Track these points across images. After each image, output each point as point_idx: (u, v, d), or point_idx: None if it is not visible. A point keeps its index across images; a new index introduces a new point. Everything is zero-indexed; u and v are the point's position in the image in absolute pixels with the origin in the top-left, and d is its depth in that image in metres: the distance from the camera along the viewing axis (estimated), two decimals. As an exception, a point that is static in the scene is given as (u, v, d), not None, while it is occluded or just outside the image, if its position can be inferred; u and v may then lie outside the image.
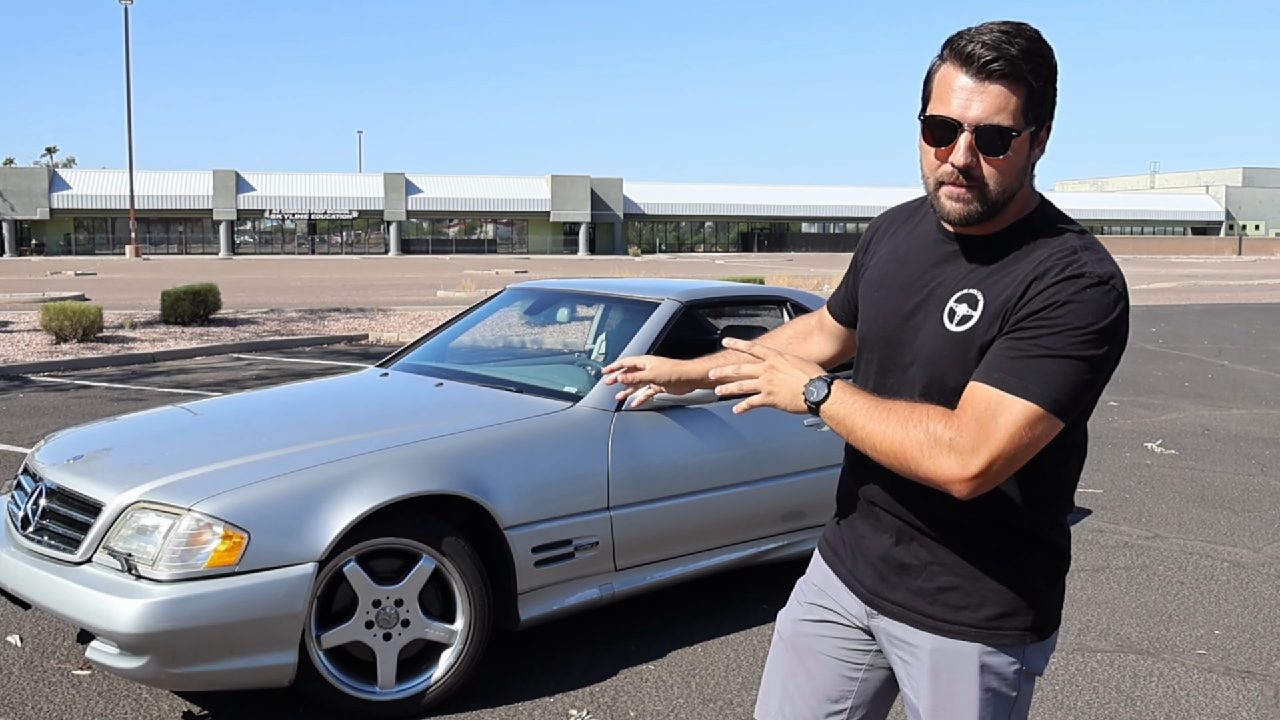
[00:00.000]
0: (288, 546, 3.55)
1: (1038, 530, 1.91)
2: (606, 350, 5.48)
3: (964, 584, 1.90)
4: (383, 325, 18.24)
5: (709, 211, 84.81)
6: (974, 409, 1.74)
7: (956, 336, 1.83)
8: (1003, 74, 1.72)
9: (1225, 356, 15.27)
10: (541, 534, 4.06)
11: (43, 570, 3.67)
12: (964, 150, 1.75)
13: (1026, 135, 1.77)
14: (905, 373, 1.91)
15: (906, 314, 1.92)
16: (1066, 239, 1.81)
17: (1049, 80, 1.77)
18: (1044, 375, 1.72)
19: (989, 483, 1.73)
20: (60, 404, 10.26)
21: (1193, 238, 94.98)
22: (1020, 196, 1.84)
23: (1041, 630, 1.93)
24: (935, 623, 1.93)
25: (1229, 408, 10.75)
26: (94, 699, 3.95)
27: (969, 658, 1.91)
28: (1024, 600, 1.90)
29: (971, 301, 1.83)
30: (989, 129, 1.74)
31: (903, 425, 1.76)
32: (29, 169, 72.46)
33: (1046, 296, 1.74)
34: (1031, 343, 1.73)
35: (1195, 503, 6.94)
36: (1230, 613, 4.97)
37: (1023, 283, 1.77)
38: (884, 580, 1.98)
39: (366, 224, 78.53)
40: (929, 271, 1.92)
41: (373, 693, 3.79)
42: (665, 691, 4.07)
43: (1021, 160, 1.79)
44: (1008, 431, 1.71)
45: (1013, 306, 1.77)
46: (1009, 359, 1.74)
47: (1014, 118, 1.74)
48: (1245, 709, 3.98)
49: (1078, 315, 1.72)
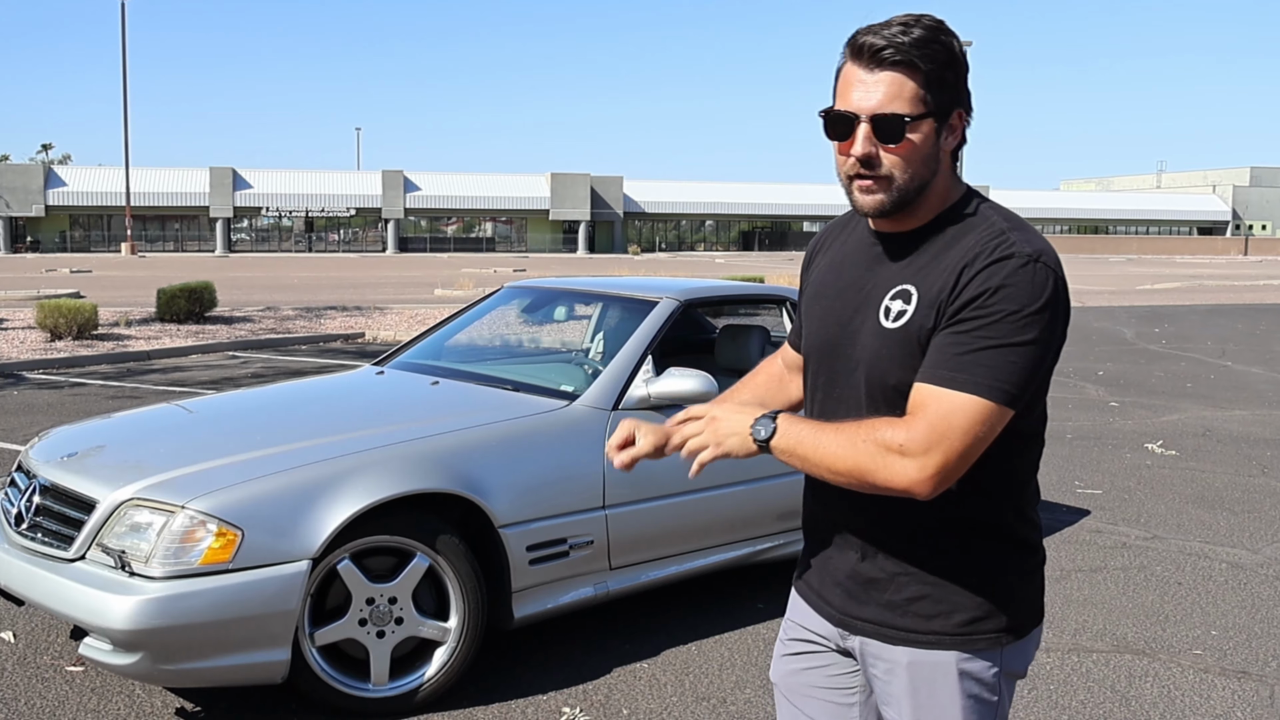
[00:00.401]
0: (281, 544, 3.54)
1: (1001, 524, 1.87)
2: (604, 349, 5.46)
3: (933, 591, 1.86)
4: (379, 324, 18.23)
5: (709, 210, 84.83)
6: (922, 410, 1.72)
7: (893, 333, 1.81)
8: (893, 61, 1.73)
9: (1228, 357, 15.26)
10: (536, 532, 4.05)
11: (36, 567, 3.66)
12: (862, 141, 1.76)
13: (929, 123, 1.76)
14: (850, 378, 1.89)
15: (846, 320, 1.90)
16: (993, 223, 1.79)
17: (947, 65, 1.75)
18: (988, 366, 1.70)
19: (946, 480, 1.72)
20: (55, 401, 10.24)
21: (1199, 238, 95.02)
22: (939, 187, 1.83)
23: (1018, 629, 1.89)
24: (908, 634, 1.88)
25: (1231, 409, 10.74)
26: (87, 695, 3.94)
27: (946, 667, 1.87)
28: (997, 600, 1.87)
29: (905, 296, 1.81)
30: (884, 117, 1.74)
31: (851, 442, 1.74)
32: (24, 165, 72.36)
33: (979, 283, 1.72)
34: (971, 335, 1.71)
35: (1195, 503, 6.94)
36: (1227, 613, 4.96)
37: (954, 271, 1.75)
38: (853, 598, 1.94)
39: (364, 222, 78.52)
40: (863, 276, 1.90)
41: (366, 690, 3.78)
42: (659, 689, 4.06)
43: (926, 148, 1.77)
44: (958, 428, 1.70)
45: (947, 297, 1.75)
46: (951, 354, 1.72)
47: (909, 104, 1.74)
48: (1240, 709, 3.97)
49: (1013, 299, 1.70)
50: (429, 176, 78.11)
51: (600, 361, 5.27)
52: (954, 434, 1.70)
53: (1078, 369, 13.65)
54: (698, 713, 3.88)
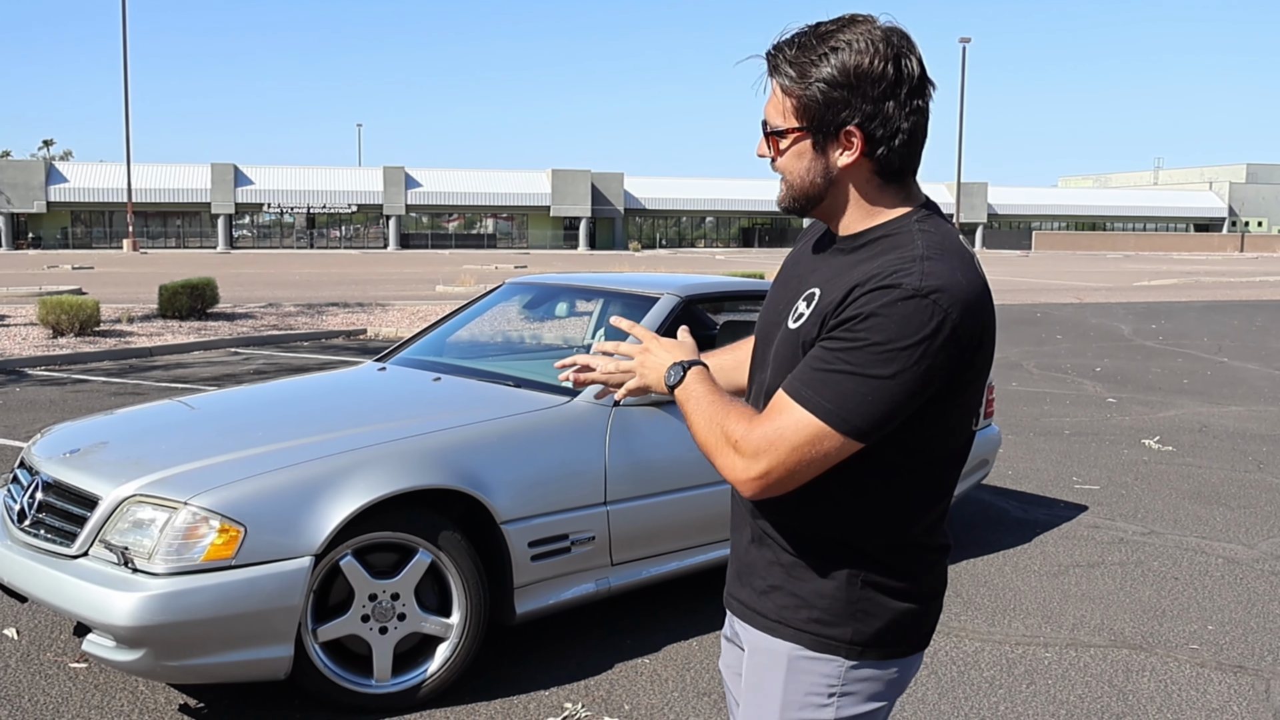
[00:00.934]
0: (284, 540, 3.56)
1: (870, 549, 1.81)
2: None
3: (790, 584, 1.85)
4: (381, 320, 18.24)
5: (710, 206, 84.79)
6: (769, 413, 1.71)
7: (790, 334, 1.80)
8: (775, 71, 1.77)
9: (1225, 353, 15.28)
10: (538, 528, 4.07)
11: (39, 564, 3.68)
12: (760, 144, 1.83)
13: (805, 138, 1.76)
14: (766, 368, 1.89)
15: (775, 315, 1.91)
16: (913, 247, 1.72)
17: (836, 85, 1.70)
18: (837, 391, 1.66)
19: (770, 488, 1.71)
20: (57, 398, 10.26)
21: (1195, 234, 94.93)
22: (853, 200, 1.80)
23: (873, 648, 1.82)
24: (760, 618, 1.89)
25: (1227, 404, 10.76)
26: (90, 692, 3.96)
27: (779, 655, 1.85)
28: (848, 611, 1.81)
29: (809, 300, 1.79)
30: (766, 127, 1.80)
31: (710, 421, 1.76)
32: (26, 161, 72.31)
33: (857, 306, 1.67)
34: (833, 354, 1.67)
35: (1191, 499, 6.96)
36: (1224, 608, 4.98)
37: (848, 287, 1.71)
38: (738, 578, 1.96)
39: (365, 218, 78.49)
40: (801, 274, 1.90)
41: (369, 686, 3.80)
42: (660, 685, 4.08)
43: (804, 161, 1.78)
44: (790, 443, 1.68)
45: (831, 310, 1.72)
46: (810, 368, 1.69)
47: (783, 117, 1.77)
48: (1236, 703, 3.99)
49: (880, 330, 1.64)
50: (430, 173, 78.07)
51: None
52: (783, 446, 1.68)
53: (1075, 365, 13.66)
54: (699, 708, 3.90)
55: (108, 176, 72.19)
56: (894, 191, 1.81)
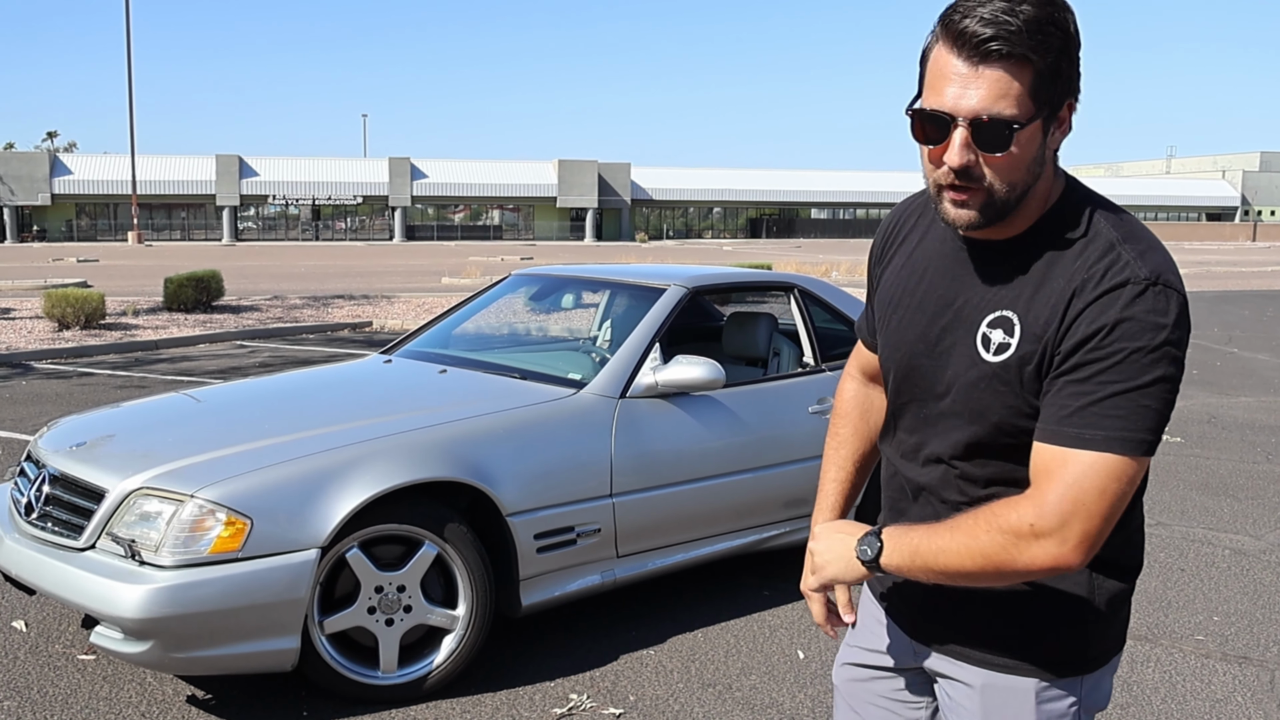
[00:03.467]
0: (290, 533, 3.57)
1: (1104, 552, 1.67)
2: (612, 336, 5.48)
3: (1014, 614, 1.70)
4: (387, 312, 18.25)
5: (717, 197, 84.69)
6: (1049, 478, 1.51)
7: (994, 368, 1.59)
8: (1001, 55, 1.45)
9: (1235, 344, 15.24)
10: (544, 520, 4.07)
11: (47, 556, 3.69)
12: (959, 149, 1.49)
13: (1037, 124, 1.49)
14: (939, 404, 1.69)
15: (933, 340, 1.69)
16: (1101, 232, 1.56)
17: (1062, 52, 1.47)
18: (1119, 417, 1.49)
19: (1095, 547, 1.52)
20: (63, 391, 10.28)
21: (1207, 223, 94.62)
22: (1039, 191, 1.58)
23: (1101, 658, 1.72)
24: (985, 657, 1.72)
25: (1237, 395, 10.74)
26: (98, 684, 3.98)
27: (1023, 695, 1.70)
28: (1082, 630, 1.69)
29: (1007, 327, 1.58)
30: (987, 122, 1.47)
31: (973, 538, 1.54)
32: (30, 154, 72.40)
33: (1093, 318, 1.49)
34: (1094, 381, 1.49)
35: (1199, 490, 6.95)
36: (1230, 599, 4.98)
37: (1062, 301, 1.52)
38: (927, 616, 1.79)
39: (371, 210, 78.50)
40: (950, 287, 1.67)
41: (375, 677, 3.81)
42: (665, 676, 4.09)
43: (1033, 151, 1.51)
44: (1096, 492, 1.49)
45: (1054, 333, 1.53)
46: (1075, 406, 1.50)
47: (1018, 105, 1.46)
48: (1240, 694, 3.99)
49: (1135, 334, 1.48)
50: (436, 164, 78.06)
51: (608, 349, 5.29)
52: (1091, 499, 1.49)
53: (1084, 355, 13.63)
54: (704, 699, 3.90)
55: (112, 169, 72.25)
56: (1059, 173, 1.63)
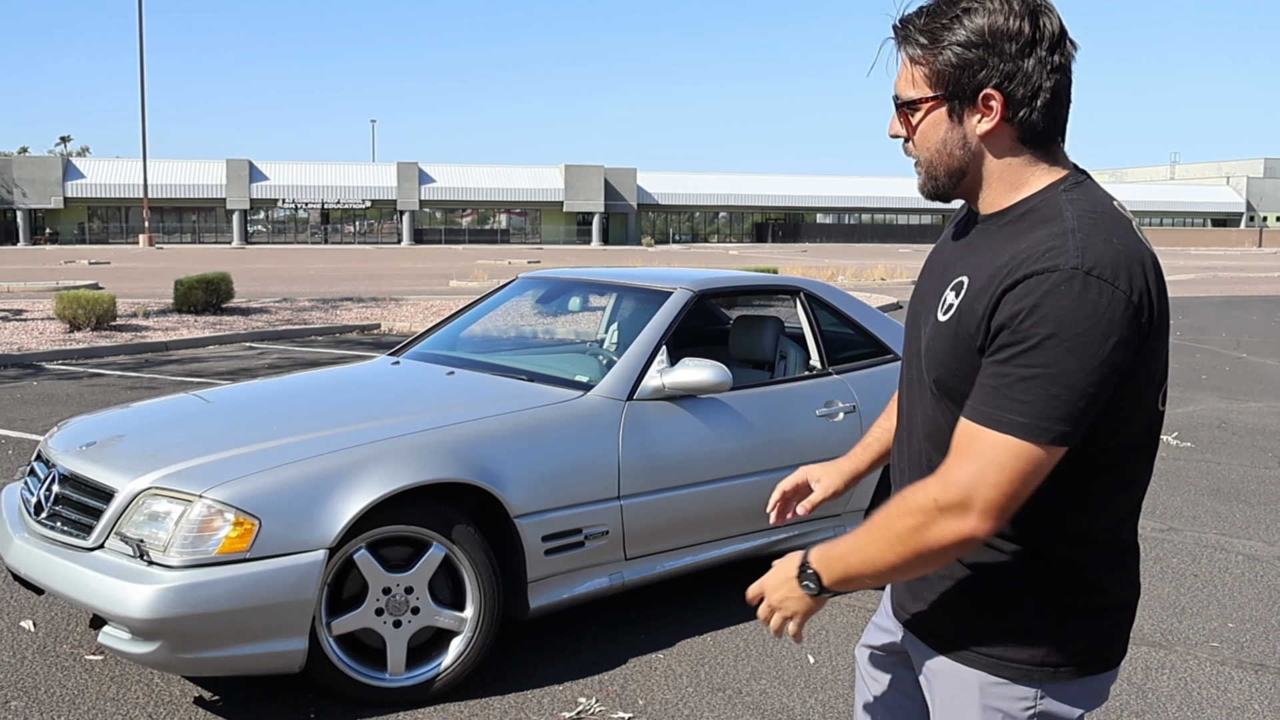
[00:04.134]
0: (298, 533, 3.56)
1: (1059, 555, 1.68)
2: (619, 339, 5.47)
3: (974, 604, 1.73)
4: (395, 315, 18.26)
5: (723, 202, 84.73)
6: (959, 454, 1.58)
7: (940, 326, 1.68)
8: (905, 40, 1.68)
9: (1244, 349, 15.18)
10: (551, 522, 4.06)
11: (56, 556, 3.68)
12: (891, 122, 1.74)
13: (939, 106, 1.66)
14: (914, 367, 1.81)
15: (919, 312, 1.80)
16: (1065, 217, 1.60)
17: (970, 45, 1.61)
18: (1025, 401, 1.52)
19: (1003, 516, 1.57)
20: (73, 392, 10.30)
21: (1213, 229, 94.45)
22: (997, 172, 1.68)
23: (1061, 670, 1.70)
24: (942, 642, 1.78)
25: (1246, 400, 10.69)
26: (106, 684, 3.97)
27: (969, 686, 1.74)
28: (1035, 631, 1.69)
29: (958, 289, 1.67)
30: (901, 101, 1.71)
31: (888, 528, 1.61)
32: (43, 158, 72.74)
33: (1014, 301, 1.54)
34: (1009, 363, 1.54)
35: (1210, 495, 6.91)
36: (1244, 605, 4.95)
37: (999, 275, 1.58)
38: (909, 592, 1.85)
39: (379, 213, 78.68)
40: (947, 264, 1.78)
41: (383, 679, 3.80)
42: (674, 680, 4.07)
43: (940, 133, 1.67)
44: (999, 468, 1.54)
45: (985, 311, 1.59)
46: (989, 385, 1.56)
47: (917, 86, 1.67)
48: (1257, 701, 3.96)
49: (1051, 320, 1.51)
50: (444, 168, 78.21)
51: (614, 352, 5.27)
52: (992, 473, 1.54)
53: (1094, 361, 13.59)
54: (713, 703, 3.89)
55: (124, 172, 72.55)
56: (1039, 159, 1.68)
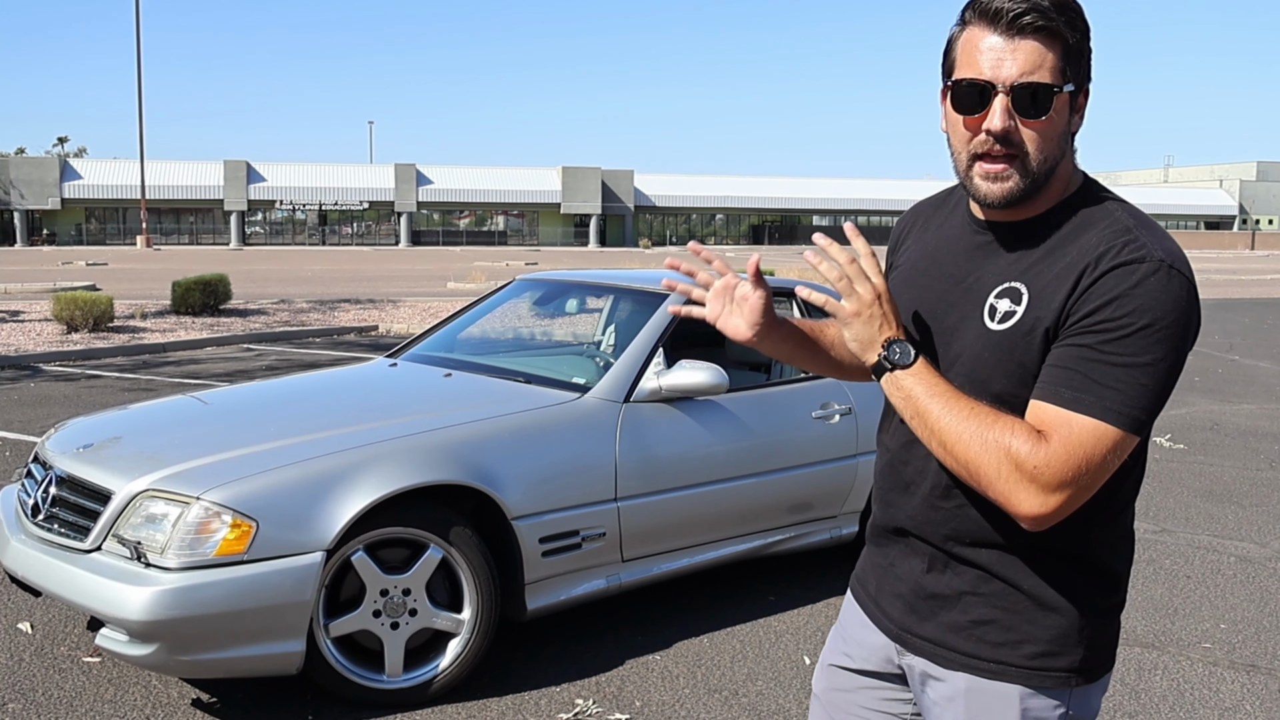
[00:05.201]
0: (296, 535, 3.57)
1: (1092, 555, 1.67)
2: (616, 341, 5.48)
3: (1003, 617, 1.68)
4: (393, 316, 18.27)
5: (720, 204, 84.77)
6: (1055, 433, 1.52)
7: (999, 336, 1.62)
8: (1036, 28, 1.54)
9: (1236, 351, 15.22)
10: (549, 524, 4.07)
11: (53, 558, 3.69)
12: (1000, 114, 1.56)
13: (1066, 96, 1.58)
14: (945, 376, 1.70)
15: (940, 313, 1.72)
16: (1117, 218, 1.61)
17: (1085, 35, 1.58)
18: (1118, 390, 1.51)
19: (1065, 516, 1.55)
20: (71, 393, 10.30)
21: (1206, 232, 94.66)
22: (1061, 172, 1.64)
23: (1090, 672, 1.70)
24: (970, 660, 1.70)
25: (1239, 402, 10.72)
26: (104, 686, 3.98)
27: (1008, 700, 1.68)
28: (1072, 636, 1.67)
29: (1014, 296, 1.62)
30: (1026, 88, 1.55)
31: (982, 433, 1.54)
32: (40, 158, 72.69)
33: (1106, 289, 1.52)
34: (1099, 350, 1.52)
35: (1203, 497, 6.94)
36: (1236, 607, 4.97)
37: (1074, 271, 1.56)
38: (914, 612, 1.77)
39: (377, 215, 78.66)
40: (963, 266, 1.72)
41: (380, 681, 3.81)
42: (671, 681, 4.08)
43: (1062, 124, 1.59)
44: (1088, 460, 1.51)
45: (1065, 300, 1.56)
46: (1078, 371, 1.53)
47: (1052, 74, 1.55)
48: (1249, 702, 3.98)
49: (1146, 311, 1.51)
50: (441, 170, 78.21)
51: (612, 354, 5.29)
52: (1084, 465, 1.51)
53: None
54: (710, 705, 3.90)
55: (122, 173, 72.48)
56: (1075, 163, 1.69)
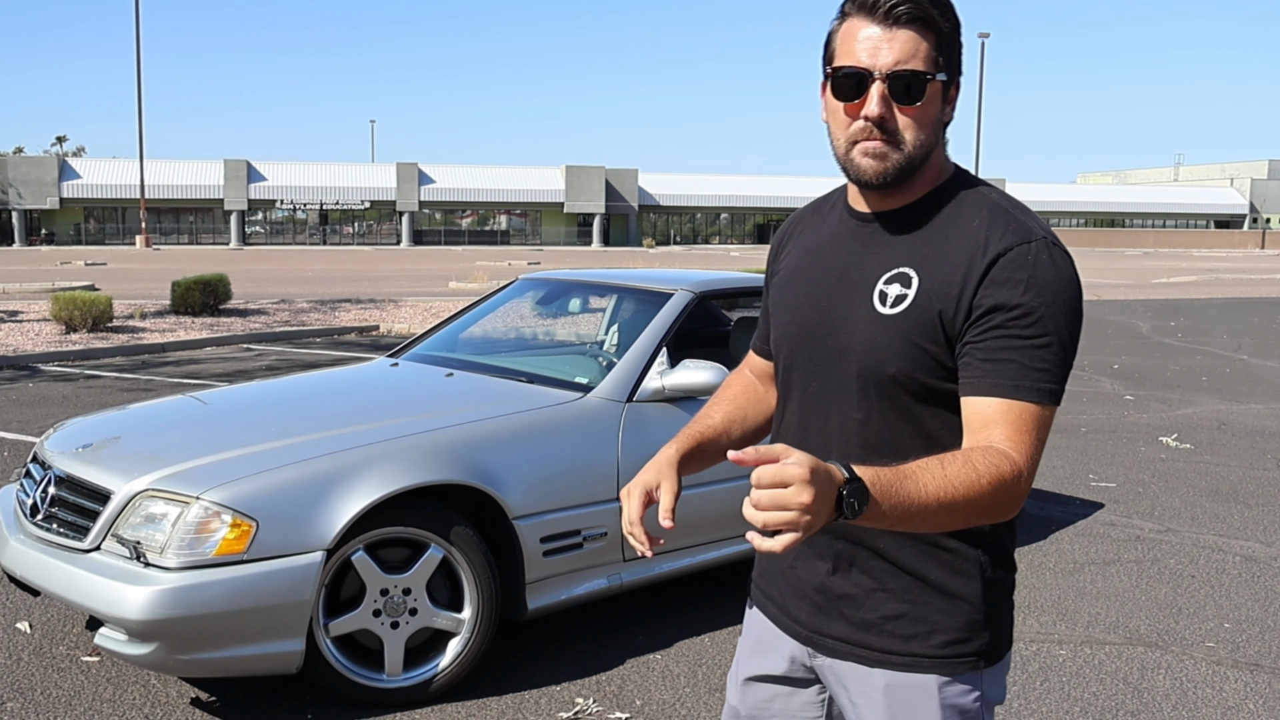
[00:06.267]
0: (296, 535, 3.55)
1: (993, 534, 1.72)
2: (619, 341, 5.47)
3: (912, 610, 1.72)
4: (394, 316, 18.26)
5: (724, 203, 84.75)
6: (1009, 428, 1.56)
7: (892, 319, 1.67)
8: (911, 18, 1.62)
9: (1244, 351, 15.19)
10: (550, 524, 4.06)
11: (52, 558, 3.68)
12: (877, 100, 1.63)
13: (939, 84, 1.66)
14: (834, 369, 1.74)
15: (827, 305, 1.75)
16: (992, 200, 1.69)
17: (955, 28, 1.67)
18: (1046, 368, 1.58)
19: None
20: (69, 393, 10.30)
21: (1216, 231, 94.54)
22: (935, 160, 1.72)
23: (995, 654, 1.75)
24: (885, 656, 1.73)
25: (1246, 402, 10.70)
26: (103, 685, 3.97)
27: (927, 692, 1.71)
28: (978, 621, 1.72)
29: (904, 280, 1.68)
30: (902, 74, 1.62)
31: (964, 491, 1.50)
32: (39, 158, 72.61)
33: (1005, 277, 1.59)
34: (1021, 338, 1.58)
35: (1209, 497, 6.92)
36: (1240, 606, 4.95)
37: (963, 255, 1.64)
38: (822, 613, 1.78)
39: (379, 214, 78.63)
40: (846, 259, 1.76)
41: (380, 680, 3.80)
42: (671, 681, 4.07)
43: (936, 112, 1.67)
44: (1041, 442, 1.58)
45: (962, 289, 1.62)
46: (1012, 362, 1.58)
47: (926, 63, 1.63)
48: (1253, 701, 3.96)
49: (1047, 289, 1.59)
50: (443, 169, 78.19)
51: (614, 353, 5.27)
52: (1039, 448, 1.57)
53: (1093, 362, 13.60)
54: (710, 704, 3.88)
55: (121, 173, 72.48)
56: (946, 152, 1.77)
